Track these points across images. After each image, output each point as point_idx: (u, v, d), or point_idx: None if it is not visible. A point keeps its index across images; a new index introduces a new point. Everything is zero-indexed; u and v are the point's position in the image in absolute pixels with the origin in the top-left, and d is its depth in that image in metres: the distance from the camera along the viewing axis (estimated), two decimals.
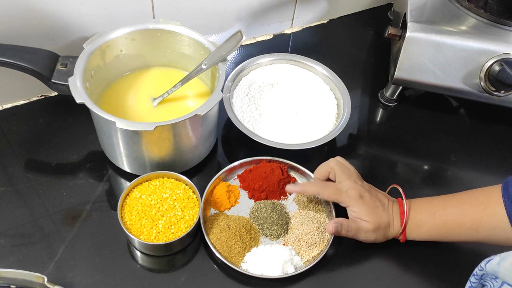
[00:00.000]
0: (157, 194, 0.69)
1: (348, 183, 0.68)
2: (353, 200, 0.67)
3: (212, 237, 0.68)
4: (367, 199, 0.67)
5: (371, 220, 0.66)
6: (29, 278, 0.59)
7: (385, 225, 0.67)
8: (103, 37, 0.73)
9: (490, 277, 0.55)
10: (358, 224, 0.67)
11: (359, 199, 0.67)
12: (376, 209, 0.67)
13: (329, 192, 0.68)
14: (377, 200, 0.68)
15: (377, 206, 0.67)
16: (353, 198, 0.67)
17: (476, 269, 0.57)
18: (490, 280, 0.55)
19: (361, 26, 1.09)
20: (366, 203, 0.67)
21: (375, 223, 0.66)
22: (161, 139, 0.68)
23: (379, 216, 0.67)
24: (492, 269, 0.54)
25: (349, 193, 0.67)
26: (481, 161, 0.85)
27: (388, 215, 0.67)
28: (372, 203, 0.67)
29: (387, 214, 0.67)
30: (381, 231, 0.67)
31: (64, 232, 0.69)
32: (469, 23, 0.82)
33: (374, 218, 0.66)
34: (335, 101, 0.85)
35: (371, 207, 0.67)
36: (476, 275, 0.57)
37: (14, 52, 0.68)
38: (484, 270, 0.55)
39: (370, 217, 0.66)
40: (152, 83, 0.81)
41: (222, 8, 0.92)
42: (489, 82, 0.79)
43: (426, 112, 0.92)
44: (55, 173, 0.75)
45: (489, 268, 0.54)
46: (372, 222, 0.66)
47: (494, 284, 0.54)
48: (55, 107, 0.84)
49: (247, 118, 0.80)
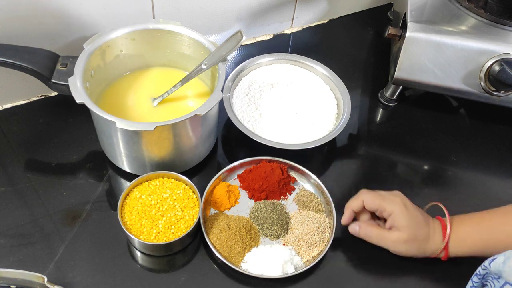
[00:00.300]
0: (157, 194, 0.69)
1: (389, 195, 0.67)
2: (396, 207, 0.65)
3: (212, 237, 0.68)
4: (411, 209, 0.65)
5: (407, 230, 0.64)
6: (29, 278, 0.59)
7: (423, 238, 0.64)
8: (103, 37, 0.73)
9: (492, 277, 0.55)
10: (385, 233, 0.65)
11: (403, 207, 0.65)
12: (416, 219, 0.65)
13: (372, 196, 0.66)
14: (419, 212, 0.66)
15: (418, 216, 0.65)
16: (397, 205, 0.65)
17: (479, 269, 0.56)
18: (492, 280, 0.55)
19: (361, 26, 1.09)
20: (409, 212, 0.65)
21: (410, 234, 0.64)
22: (161, 139, 0.68)
23: (418, 228, 0.64)
24: (497, 269, 0.53)
25: (392, 200, 0.65)
26: (481, 161, 0.85)
27: (428, 228, 0.65)
28: (414, 212, 0.65)
29: (427, 227, 0.65)
30: (416, 244, 0.65)
31: (64, 232, 0.69)
32: (469, 23, 0.82)
33: (411, 229, 0.64)
34: (335, 101, 0.85)
35: (412, 217, 0.64)
36: (478, 275, 0.57)
37: (14, 52, 0.68)
38: (488, 269, 0.55)
39: (408, 227, 0.64)
40: (152, 83, 0.81)
41: (222, 8, 0.92)
42: (489, 82, 0.79)
43: (426, 112, 0.92)
44: (55, 173, 0.75)
45: (494, 267, 0.54)
46: (407, 233, 0.64)
47: (495, 284, 0.54)
48: (55, 107, 0.84)
49: (247, 118, 0.80)
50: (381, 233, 0.66)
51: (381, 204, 0.66)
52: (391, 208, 0.65)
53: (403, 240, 0.64)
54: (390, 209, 0.65)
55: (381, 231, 0.66)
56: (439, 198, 0.78)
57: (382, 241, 0.66)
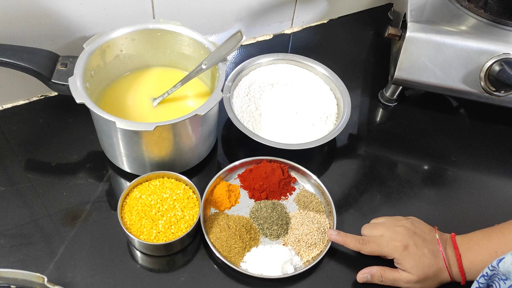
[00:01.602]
0: (157, 194, 0.69)
1: (389, 234, 0.65)
2: (397, 252, 0.63)
3: (212, 237, 0.68)
4: (412, 249, 0.63)
5: (415, 272, 0.63)
6: (29, 278, 0.59)
7: (434, 274, 0.63)
8: (103, 37, 0.73)
9: (499, 277, 0.54)
10: (397, 275, 0.64)
11: (403, 250, 0.63)
12: (422, 258, 0.63)
13: (371, 249, 0.65)
14: (425, 246, 0.64)
15: (424, 254, 0.63)
16: (396, 250, 0.63)
17: (486, 269, 0.55)
18: (498, 280, 0.54)
19: (361, 26, 1.09)
20: (411, 254, 0.63)
21: (419, 276, 0.62)
22: (161, 139, 0.68)
23: (426, 267, 0.63)
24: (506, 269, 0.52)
25: (391, 246, 0.64)
26: (481, 161, 0.85)
27: (437, 262, 0.63)
28: (417, 251, 0.63)
29: (436, 262, 0.63)
30: (429, 280, 0.63)
31: (64, 232, 0.69)
32: (469, 23, 0.82)
33: (419, 270, 0.63)
34: (335, 101, 0.85)
35: (416, 257, 0.63)
36: (485, 276, 0.56)
37: (14, 52, 0.68)
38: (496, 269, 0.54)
39: (415, 269, 0.63)
40: (152, 83, 0.81)
41: (222, 8, 0.92)
42: (489, 82, 0.79)
43: (426, 112, 0.92)
44: (55, 173, 0.75)
45: (502, 267, 0.53)
46: (416, 275, 0.63)
47: (501, 285, 0.53)
48: (55, 107, 0.84)
49: (247, 118, 0.80)
50: (394, 276, 0.64)
51: (380, 253, 0.65)
52: (392, 255, 0.64)
53: (414, 281, 0.63)
54: (391, 256, 0.64)
55: (393, 274, 0.64)
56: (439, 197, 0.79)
57: (395, 283, 0.65)
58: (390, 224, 0.67)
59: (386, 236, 0.65)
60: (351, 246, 0.66)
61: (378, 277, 0.65)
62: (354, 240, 0.66)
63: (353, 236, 0.67)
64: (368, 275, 0.65)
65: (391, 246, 0.64)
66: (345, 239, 0.67)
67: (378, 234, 0.66)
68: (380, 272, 0.65)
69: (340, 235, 0.67)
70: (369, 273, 0.65)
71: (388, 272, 0.65)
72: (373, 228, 0.68)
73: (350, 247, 0.67)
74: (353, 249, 0.67)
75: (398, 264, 0.64)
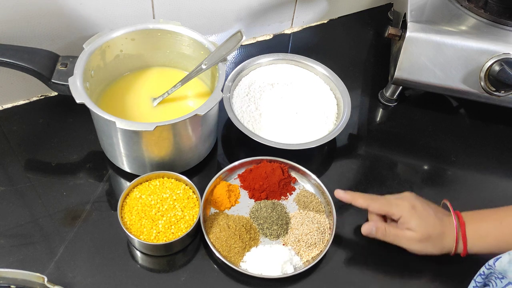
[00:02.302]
0: (157, 194, 0.69)
1: (398, 196, 0.68)
2: (404, 210, 0.65)
3: (212, 236, 0.68)
4: (419, 209, 0.65)
5: (419, 229, 0.64)
6: (29, 278, 0.59)
7: (436, 236, 0.64)
8: (103, 37, 0.73)
9: (495, 276, 0.54)
10: (400, 232, 0.65)
11: (411, 209, 0.65)
12: (428, 218, 0.64)
13: (380, 205, 0.67)
14: (431, 209, 0.66)
15: (430, 215, 0.65)
16: (404, 208, 0.65)
17: (483, 268, 0.56)
18: (495, 279, 0.54)
19: (361, 26, 1.09)
20: (418, 213, 0.64)
21: (423, 233, 0.64)
22: (161, 139, 0.68)
23: (430, 226, 0.64)
24: (502, 268, 0.53)
25: (399, 204, 0.66)
26: (481, 161, 0.85)
27: (442, 225, 0.64)
28: (423, 211, 0.65)
29: (440, 225, 0.64)
30: (431, 242, 0.64)
31: (64, 232, 0.69)
32: (469, 23, 0.82)
33: (423, 228, 0.64)
34: (335, 101, 0.85)
35: (422, 217, 0.64)
36: (482, 275, 0.56)
37: (14, 52, 0.68)
38: (493, 268, 0.54)
39: (419, 227, 0.64)
40: (152, 83, 0.81)
41: (222, 8, 0.92)
42: (489, 82, 0.79)
43: (426, 112, 0.92)
44: (55, 173, 0.75)
45: (498, 266, 0.53)
46: (419, 232, 0.64)
47: (497, 284, 0.53)
48: (55, 107, 0.84)
49: (247, 118, 0.80)
50: (396, 232, 0.66)
51: (388, 211, 0.66)
52: (399, 213, 0.65)
53: (416, 239, 0.64)
54: (398, 213, 0.65)
55: (396, 230, 0.66)
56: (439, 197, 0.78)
57: (397, 240, 0.66)
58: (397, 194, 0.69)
59: (396, 197, 0.67)
60: (360, 202, 0.68)
61: (382, 231, 0.66)
62: (362, 196, 0.68)
63: (361, 194, 0.69)
64: (373, 228, 0.66)
65: (399, 204, 0.65)
66: (354, 196, 0.68)
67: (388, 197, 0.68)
68: (384, 226, 0.66)
69: (348, 193, 0.68)
70: (374, 226, 0.66)
71: (392, 228, 0.66)
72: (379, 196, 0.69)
73: (358, 204, 0.68)
74: (361, 206, 0.68)
75: (403, 223, 0.65)
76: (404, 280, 0.69)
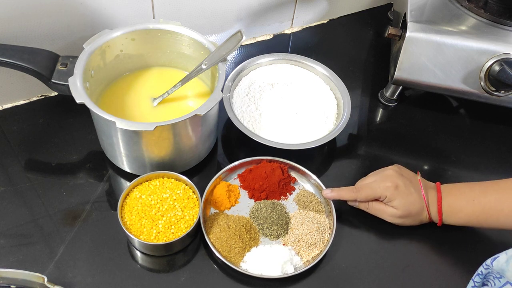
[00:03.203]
0: (157, 194, 0.69)
1: (380, 178, 0.71)
2: (389, 191, 0.69)
3: (212, 237, 0.68)
4: (402, 188, 0.69)
5: (401, 208, 0.69)
6: (29, 278, 0.59)
7: (417, 212, 0.69)
8: (103, 37, 0.73)
9: (494, 276, 0.54)
10: (383, 207, 0.70)
11: (394, 190, 0.69)
12: (409, 196, 0.69)
13: (366, 193, 0.70)
14: (412, 186, 0.70)
15: (411, 193, 0.69)
16: (389, 190, 0.69)
17: (480, 268, 0.56)
18: (493, 279, 0.54)
19: (361, 26, 1.09)
20: (401, 193, 0.69)
21: (404, 211, 0.69)
22: (161, 139, 0.68)
23: (411, 203, 0.69)
24: (499, 267, 0.53)
25: (383, 187, 0.69)
26: (481, 161, 0.85)
27: (422, 202, 0.69)
28: (406, 190, 0.69)
29: (419, 201, 0.69)
30: (410, 218, 0.70)
31: (64, 232, 0.69)
32: (469, 23, 0.82)
33: (405, 206, 0.69)
34: (335, 101, 0.85)
35: (404, 195, 0.69)
36: (480, 274, 0.56)
37: (14, 52, 0.68)
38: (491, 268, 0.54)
39: (401, 205, 0.69)
40: (152, 83, 0.81)
41: (222, 8, 0.92)
42: (489, 82, 0.79)
43: (426, 112, 0.92)
44: (55, 173, 0.75)
45: (496, 266, 0.53)
46: (400, 209, 0.69)
47: (496, 283, 0.53)
48: (55, 107, 0.84)
49: (247, 118, 0.80)
50: (379, 207, 0.71)
51: (374, 196, 0.70)
52: (384, 194, 0.69)
53: (397, 216, 0.70)
54: (384, 195, 0.69)
55: (380, 205, 0.71)
56: None
57: (379, 213, 0.71)
58: (379, 171, 0.73)
59: (378, 179, 0.71)
60: (347, 197, 0.72)
61: (365, 204, 0.72)
62: (348, 190, 0.72)
63: (346, 188, 0.72)
64: (356, 202, 0.72)
65: (383, 187, 0.69)
66: (340, 193, 0.72)
67: (370, 181, 0.71)
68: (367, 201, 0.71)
69: (334, 191, 0.72)
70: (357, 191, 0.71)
71: (375, 203, 0.71)
72: (364, 178, 0.73)
73: (346, 198, 0.72)
74: (349, 199, 0.72)
75: (388, 202, 0.70)
76: (403, 280, 0.69)
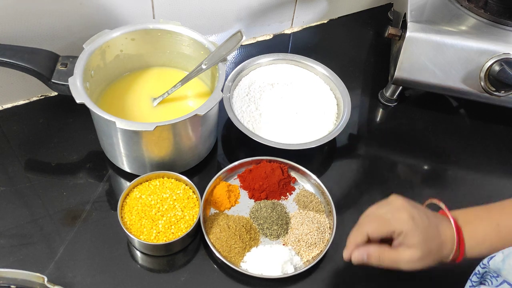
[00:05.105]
0: (157, 194, 0.69)
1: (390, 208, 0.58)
2: (406, 224, 0.56)
3: (212, 237, 0.68)
4: (419, 221, 0.56)
5: (420, 247, 0.55)
6: (29, 278, 0.59)
7: (437, 250, 0.57)
8: (103, 37, 0.73)
9: (491, 275, 0.54)
10: (397, 255, 0.57)
11: (412, 222, 0.55)
12: (427, 230, 0.56)
13: (377, 225, 0.57)
14: (427, 219, 0.57)
15: (429, 226, 0.56)
16: (405, 222, 0.56)
17: (478, 268, 0.56)
18: (490, 278, 0.54)
19: (361, 26, 1.09)
20: (419, 226, 0.56)
21: (424, 250, 0.56)
22: (161, 139, 0.68)
23: (431, 240, 0.56)
24: (496, 266, 0.53)
25: (396, 218, 0.56)
26: (481, 161, 0.85)
27: (440, 236, 0.57)
28: (423, 222, 0.56)
29: (439, 236, 0.57)
30: (431, 257, 0.56)
31: (64, 232, 0.69)
32: (469, 23, 0.82)
33: (424, 244, 0.56)
34: (335, 101, 0.85)
35: (422, 230, 0.56)
36: (477, 274, 0.56)
37: (14, 52, 0.68)
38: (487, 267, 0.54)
39: (420, 243, 0.55)
40: (152, 83, 0.81)
41: (222, 8, 0.92)
42: (489, 82, 0.79)
43: (426, 112, 0.92)
44: (55, 173, 0.75)
45: (493, 265, 0.53)
46: (421, 250, 0.55)
47: (493, 282, 0.54)
48: (55, 107, 0.84)
49: (247, 118, 0.80)
50: (393, 257, 0.57)
51: (389, 229, 0.57)
52: (400, 229, 0.56)
53: (417, 258, 0.56)
54: (399, 229, 0.56)
55: (392, 254, 0.57)
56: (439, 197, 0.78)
57: (395, 264, 0.57)
58: (384, 203, 0.60)
59: (389, 210, 0.58)
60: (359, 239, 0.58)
61: (375, 257, 0.57)
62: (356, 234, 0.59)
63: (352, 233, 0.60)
64: (364, 255, 0.57)
65: (398, 219, 0.56)
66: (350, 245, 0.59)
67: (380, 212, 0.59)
68: (378, 251, 0.57)
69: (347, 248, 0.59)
70: (365, 252, 0.57)
71: (388, 252, 0.57)
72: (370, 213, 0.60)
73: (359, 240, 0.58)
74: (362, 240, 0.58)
75: (403, 239, 0.56)
76: (402, 280, 0.69)
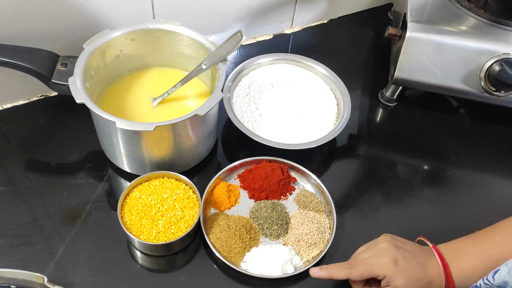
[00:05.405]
0: (157, 194, 0.69)
1: (375, 252, 0.61)
2: (389, 269, 0.59)
3: (212, 237, 0.68)
4: (402, 263, 0.59)
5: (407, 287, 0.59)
6: (29, 278, 0.59)
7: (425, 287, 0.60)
8: (103, 37, 0.73)
9: None
10: None
11: (394, 266, 0.59)
12: (413, 271, 0.59)
13: (360, 271, 0.60)
14: (413, 258, 0.60)
15: (414, 267, 0.59)
16: (388, 267, 0.59)
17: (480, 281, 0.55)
18: None
19: (361, 26, 1.09)
20: (402, 269, 0.59)
21: None
22: (161, 139, 0.68)
23: (418, 280, 0.59)
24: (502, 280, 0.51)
25: (379, 263, 0.60)
26: (481, 161, 0.85)
27: (427, 275, 0.60)
28: (407, 265, 0.59)
29: (425, 274, 0.60)
30: None
31: (64, 232, 0.69)
32: (469, 23, 0.82)
33: (411, 284, 0.59)
34: (335, 101, 0.85)
35: (407, 272, 0.59)
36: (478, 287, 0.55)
37: (14, 52, 0.68)
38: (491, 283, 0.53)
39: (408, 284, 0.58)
40: (152, 83, 0.81)
41: (222, 8, 0.92)
42: (489, 82, 0.79)
43: (426, 112, 0.92)
44: (55, 173, 0.75)
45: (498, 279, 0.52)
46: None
47: None
48: (55, 107, 0.84)
49: (247, 118, 0.80)
50: None
51: (372, 274, 0.60)
52: (383, 274, 0.59)
53: None
54: (383, 274, 0.59)
55: None
56: (439, 197, 0.79)
57: None
58: (372, 245, 0.64)
59: (374, 255, 0.61)
60: (339, 274, 0.61)
61: None
62: (339, 267, 0.62)
63: (338, 264, 0.63)
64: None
65: (380, 264, 0.60)
66: (330, 271, 0.61)
67: (365, 256, 0.62)
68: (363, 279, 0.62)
69: (323, 269, 0.62)
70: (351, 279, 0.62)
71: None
72: (358, 253, 0.64)
73: (337, 276, 0.61)
74: (341, 277, 0.61)
75: (388, 282, 0.60)
76: None
